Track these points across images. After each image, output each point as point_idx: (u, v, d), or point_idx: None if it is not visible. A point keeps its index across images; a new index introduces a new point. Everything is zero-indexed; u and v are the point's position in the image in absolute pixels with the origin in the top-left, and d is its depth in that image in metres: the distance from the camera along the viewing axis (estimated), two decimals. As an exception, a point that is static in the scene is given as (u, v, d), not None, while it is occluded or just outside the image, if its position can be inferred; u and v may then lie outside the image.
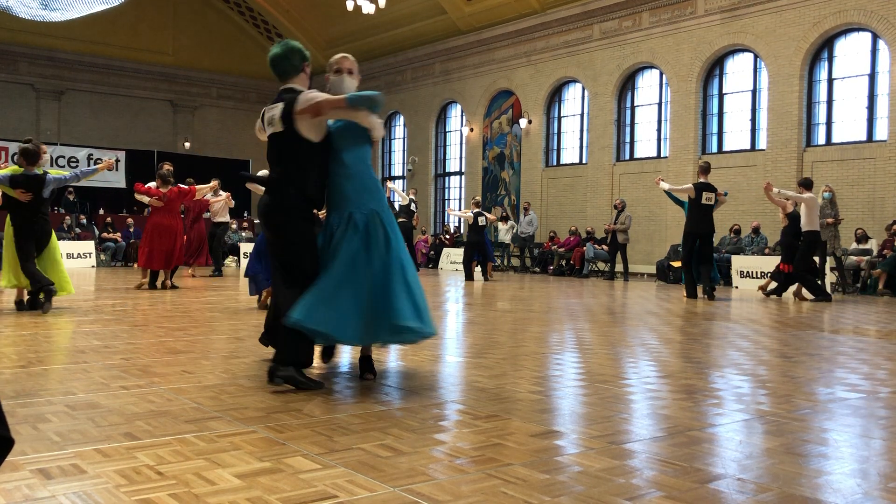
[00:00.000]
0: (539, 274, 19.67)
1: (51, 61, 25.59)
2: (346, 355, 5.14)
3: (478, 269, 16.82)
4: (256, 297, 8.43)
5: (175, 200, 11.01)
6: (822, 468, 2.74)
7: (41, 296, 7.55)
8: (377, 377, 4.27)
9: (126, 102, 27.10)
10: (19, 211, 7.66)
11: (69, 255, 17.08)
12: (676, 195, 12.07)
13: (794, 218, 11.67)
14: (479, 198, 19.27)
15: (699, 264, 11.52)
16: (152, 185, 11.01)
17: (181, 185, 11.25)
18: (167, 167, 11.15)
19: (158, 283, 10.96)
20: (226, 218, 15.29)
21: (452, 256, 21.14)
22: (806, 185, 11.59)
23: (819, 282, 11.75)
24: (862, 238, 14.32)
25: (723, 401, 3.86)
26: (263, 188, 4.27)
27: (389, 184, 19.30)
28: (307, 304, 3.86)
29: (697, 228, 11.45)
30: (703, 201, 11.41)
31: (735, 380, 4.51)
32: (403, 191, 18.86)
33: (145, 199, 10.91)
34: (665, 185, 12.09)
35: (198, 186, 11.62)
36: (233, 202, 15.15)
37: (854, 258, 14.20)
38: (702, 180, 11.64)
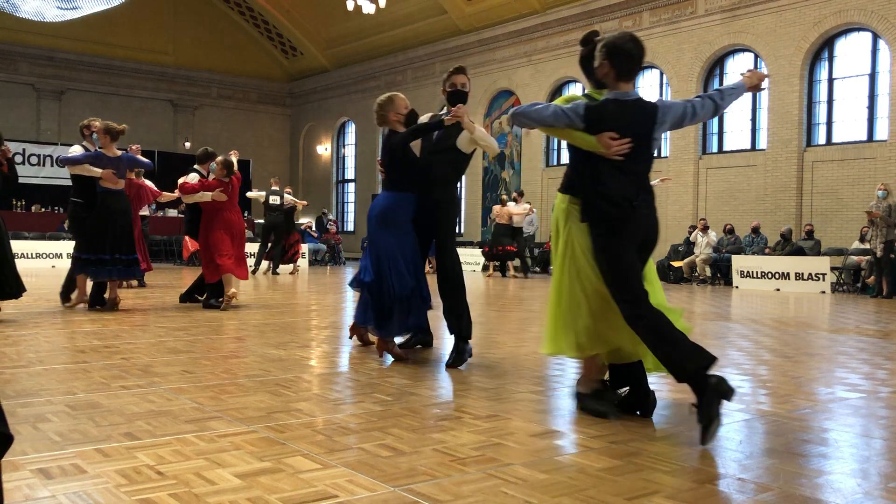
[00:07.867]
0: (540, 274, 19.66)
1: (51, 61, 25.60)
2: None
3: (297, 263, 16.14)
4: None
5: (236, 191, 8.75)
6: (823, 468, 2.74)
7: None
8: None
9: (126, 102, 27.11)
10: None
11: (67, 255, 17.01)
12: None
13: None
14: (276, 179, 17.22)
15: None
16: (193, 177, 8.91)
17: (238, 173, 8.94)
18: (235, 155, 9.16)
19: (231, 296, 8.40)
20: (147, 212, 13.01)
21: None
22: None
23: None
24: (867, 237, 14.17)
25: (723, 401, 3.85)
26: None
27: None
28: None
29: (268, 220, 15.10)
30: (270, 202, 15.06)
31: (735, 380, 4.50)
32: None
33: (207, 197, 8.51)
34: (292, 198, 15.72)
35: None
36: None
37: (855, 258, 14.18)
38: (275, 188, 15.32)
